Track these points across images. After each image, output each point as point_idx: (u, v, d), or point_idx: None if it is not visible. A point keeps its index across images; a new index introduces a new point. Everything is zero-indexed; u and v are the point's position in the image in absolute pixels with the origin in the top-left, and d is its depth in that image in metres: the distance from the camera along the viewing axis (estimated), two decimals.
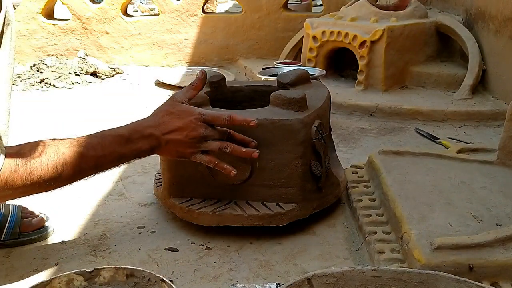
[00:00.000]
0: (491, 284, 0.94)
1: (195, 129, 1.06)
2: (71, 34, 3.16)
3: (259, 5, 3.11)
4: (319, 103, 1.24)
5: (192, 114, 1.07)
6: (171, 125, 1.06)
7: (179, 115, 1.07)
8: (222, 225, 1.17)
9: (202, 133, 1.06)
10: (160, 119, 1.07)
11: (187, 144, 1.07)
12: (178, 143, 1.06)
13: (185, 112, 1.07)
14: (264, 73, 1.99)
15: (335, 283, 0.80)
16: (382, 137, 1.92)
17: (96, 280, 0.89)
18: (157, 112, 1.10)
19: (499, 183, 1.23)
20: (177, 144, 1.07)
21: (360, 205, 1.26)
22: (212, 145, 1.08)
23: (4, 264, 1.09)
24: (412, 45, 2.36)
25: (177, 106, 1.09)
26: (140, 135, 1.04)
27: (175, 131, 1.06)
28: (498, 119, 1.99)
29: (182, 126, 1.06)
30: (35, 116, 2.19)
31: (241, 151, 1.09)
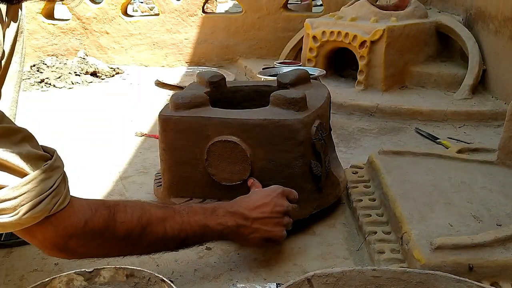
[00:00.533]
0: (491, 284, 0.94)
1: (280, 205, 1.03)
2: (71, 34, 3.16)
3: (259, 5, 3.11)
4: (319, 103, 1.24)
5: (272, 190, 1.06)
6: (256, 201, 1.03)
7: (262, 194, 1.05)
8: None
9: (286, 208, 1.04)
10: (244, 203, 1.03)
11: (273, 222, 1.02)
12: (265, 220, 1.01)
13: (268, 190, 1.07)
14: (264, 73, 2.00)
15: (335, 283, 0.80)
16: (382, 137, 1.92)
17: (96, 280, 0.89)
18: (236, 199, 1.05)
19: (499, 183, 1.23)
20: (264, 222, 1.01)
21: (360, 205, 1.26)
22: (289, 222, 1.06)
23: (4, 264, 1.09)
24: (412, 45, 2.36)
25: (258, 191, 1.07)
26: (225, 210, 0.99)
27: (261, 207, 1.02)
28: (498, 119, 1.99)
29: (266, 202, 1.02)
30: (35, 116, 2.18)
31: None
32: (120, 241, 0.87)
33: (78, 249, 0.84)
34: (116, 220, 0.85)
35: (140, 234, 0.88)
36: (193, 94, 1.24)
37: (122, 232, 0.86)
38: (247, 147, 1.14)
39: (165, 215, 0.92)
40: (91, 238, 0.84)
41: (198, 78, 1.42)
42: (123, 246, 0.89)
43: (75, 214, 0.81)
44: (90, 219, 0.82)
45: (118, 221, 0.85)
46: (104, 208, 0.85)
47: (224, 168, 1.16)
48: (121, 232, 0.86)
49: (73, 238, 0.81)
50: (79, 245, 0.83)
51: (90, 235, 0.83)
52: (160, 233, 0.91)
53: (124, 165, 1.63)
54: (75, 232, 0.81)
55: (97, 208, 0.84)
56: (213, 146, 1.15)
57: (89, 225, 0.82)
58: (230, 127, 1.15)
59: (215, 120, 1.16)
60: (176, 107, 1.20)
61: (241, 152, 1.14)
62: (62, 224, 0.80)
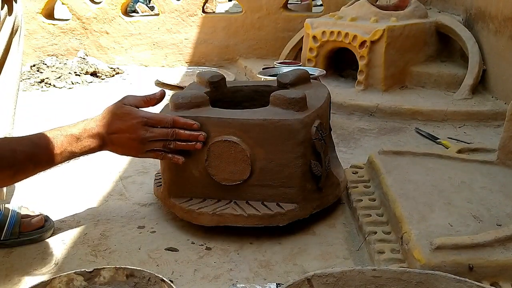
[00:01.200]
0: (491, 284, 0.94)
1: (136, 131, 1.11)
2: (71, 34, 3.16)
3: (259, 5, 3.11)
4: (319, 103, 1.24)
5: (134, 118, 1.11)
6: (114, 126, 1.11)
7: (122, 117, 1.11)
8: (222, 225, 1.17)
9: (142, 135, 1.11)
10: (105, 119, 1.12)
11: (129, 145, 1.12)
12: (121, 144, 1.12)
13: (128, 114, 1.12)
14: (264, 73, 2.00)
15: (335, 283, 0.80)
16: (382, 137, 1.92)
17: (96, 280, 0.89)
18: (105, 112, 1.14)
19: (499, 183, 1.23)
20: (121, 145, 1.12)
21: (360, 205, 1.26)
22: (155, 145, 1.13)
23: (4, 264, 1.09)
24: (412, 45, 2.36)
25: (122, 108, 1.13)
26: (88, 134, 1.10)
27: (117, 133, 1.11)
28: (498, 119, 1.99)
29: (123, 128, 1.11)
30: (35, 116, 2.18)
31: (183, 145, 1.14)
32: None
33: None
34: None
35: (12, 177, 1.00)
36: (193, 94, 1.24)
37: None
38: (247, 147, 1.14)
39: (32, 154, 1.02)
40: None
41: (198, 78, 1.42)
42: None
43: None
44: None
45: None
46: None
47: (224, 168, 1.16)
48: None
49: None
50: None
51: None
52: (30, 171, 1.02)
53: (124, 165, 1.63)
54: None
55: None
56: (213, 146, 1.15)
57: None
58: (230, 127, 1.15)
59: (215, 120, 1.16)
60: (176, 107, 1.20)
61: (241, 152, 1.14)
62: None
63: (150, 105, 1.17)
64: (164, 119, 1.14)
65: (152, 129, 1.12)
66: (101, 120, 1.12)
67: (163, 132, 1.13)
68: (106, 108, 1.14)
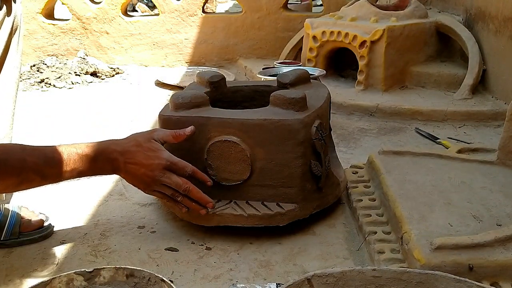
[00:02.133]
0: (491, 284, 0.94)
1: (153, 171, 1.09)
2: (71, 34, 3.16)
3: (259, 5, 3.11)
4: (319, 103, 1.24)
5: (158, 158, 1.09)
6: (135, 157, 1.09)
7: (146, 151, 1.09)
8: (222, 225, 1.17)
9: (158, 177, 1.09)
10: (128, 147, 1.10)
11: (141, 180, 1.10)
12: (135, 176, 1.10)
13: (153, 151, 1.10)
14: (264, 73, 2.00)
15: (335, 283, 0.80)
16: (382, 137, 1.92)
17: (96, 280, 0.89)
18: (130, 138, 1.12)
19: (499, 183, 1.23)
20: (133, 176, 1.10)
21: (360, 205, 1.26)
22: (165, 190, 1.11)
23: (4, 264, 1.09)
24: (412, 45, 2.36)
25: (150, 142, 1.11)
26: (105, 158, 1.08)
27: (136, 165, 1.09)
28: (498, 119, 1.99)
29: (143, 163, 1.09)
30: (35, 116, 2.18)
31: (191, 204, 1.13)
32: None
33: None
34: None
35: (17, 186, 1.00)
36: (193, 94, 1.24)
37: (1, 187, 0.99)
38: (247, 147, 1.14)
39: (43, 168, 1.00)
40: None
41: (198, 78, 1.42)
42: (2, 192, 1.10)
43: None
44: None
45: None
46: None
47: (224, 168, 1.16)
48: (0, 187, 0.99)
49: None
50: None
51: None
52: (37, 183, 1.01)
53: None
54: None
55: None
56: (213, 146, 1.15)
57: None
58: (230, 127, 1.15)
59: (215, 120, 1.16)
60: (176, 107, 1.20)
61: (241, 152, 1.14)
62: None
63: (178, 140, 1.14)
64: (185, 167, 1.11)
65: (169, 176, 1.09)
66: (123, 146, 1.10)
67: (177, 183, 1.10)
68: (133, 135, 1.13)
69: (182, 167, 1.11)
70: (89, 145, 1.08)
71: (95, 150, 1.07)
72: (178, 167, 1.11)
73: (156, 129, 1.15)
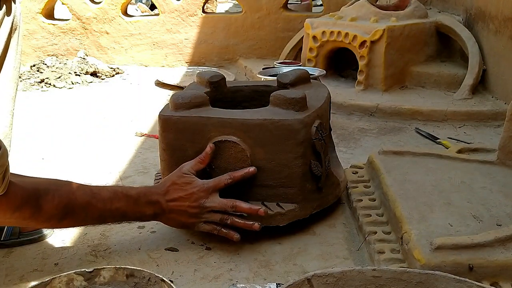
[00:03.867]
0: (491, 284, 0.94)
1: (197, 199, 1.10)
2: (71, 34, 3.16)
3: (259, 5, 3.11)
4: (319, 103, 1.24)
5: (195, 186, 1.11)
6: (175, 194, 1.11)
7: (182, 186, 1.11)
8: None
9: (203, 204, 1.10)
10: (166, 188, 1.12)
11: (189, 214, 1.11)
12: (181, 212, 1.11)
13: (189, 183, 1.12)
14: (264, 73, 1.99)
15: (335, 283, 0.80)
16: (382, 137, 1.92)
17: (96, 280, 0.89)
18: (165, 181, 1.14)
19: (499, 183, 1.23)
20: (179, 213, 1.11)
21: (360, 205, 1.26)
22: (213, 217, 1.12)
23: (4, 264, 1.09)
24: (412, 45, 2.36)
25: (182, 177, 1.12)
26: (147, 200, 1.09)
27: (178, 201, 1.11)
28: (498, 119, 1.99)
29: (184, 197, 1.10)
30: (35, 116, 2.18)
31: (240, 223, 1.12)
32: (41, 223, 1.05)
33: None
34: (42, 209, 0.96)
35: (60, 220, 1.00)
36: (193, 94, 1.24)
37: (44, 218, 0.98)
38: (247, 147, 1.14)
39: (89, 202, 1.02)
40: (18, 221, 0.98)
41: (198, 78, 1.42)
42: (44, 226, 1.11)
43: (8, 202, 0.91)
44: (18, 210, 0.93)
45: (44, 210, 0.96)
46: (33, 199, 0.95)
47: (224, 168, 1.16)
48: (43, 218, 0.98)
49: (4, 219, 0.96)
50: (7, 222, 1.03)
51: (16, 220, 0.97)
52: (80, 220, 1.04)
53: (124, 165, 1.63)
54: (5, 216, 0.94)
55: (28, 200, 0.94)
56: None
57: (16, 215, 0.94)
58: (230, 127, 1.15)
59: (215, 120, 1.16)
60: (176, 107, 1.20)
61: (241, 152, 1.14)
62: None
63: (205, 163, 1.14)
64: (222, 178, 1.13)
65: (213, 198, 1.11)
66: (161, 188, 1.12)
67: (223, 203, 1.11)
68: (165, 179, 1.15)
69: (220, 180, 1.12)
70: (132, 187, 1.11)
71: (138, 192, 1.09)
72: (216, 183, 1.12)
73: (182, 165, 1.15)
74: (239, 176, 1.13)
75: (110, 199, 1.05)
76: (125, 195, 1.07)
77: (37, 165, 1.62)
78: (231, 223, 1.11)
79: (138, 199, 1.08)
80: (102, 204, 1.04)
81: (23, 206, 0.93)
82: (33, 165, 1.62)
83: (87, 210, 1.02)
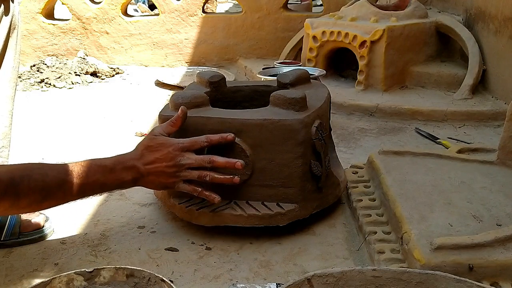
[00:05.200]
0: (491, 284, 0.94)
1: (173, 158, 1.10)
2: (71, 34, 3.16)
3: (259, 5, 3.11)
4: (319, 103, 1.24)
5: (170, 145, 1.11)
6: (150, 157, 1.11)
7: (157, 148, 1.11)
8: (222, 225, 1.17)
9: (179, 161, 1.10)
10: (141, 152, 1.12)
11: (167, 174, 1.11)
12: (159, 173, 1.11)
13: (163, 144, 1.12)
14: (264, 73, 1.99)
15: (335, 283, 0.80)
16: (382, 137, 1.92)
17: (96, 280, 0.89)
18: (138, 146, 1.14)
19: (499, 183, 1.23)
20: (158, 175, 1.11)
21: (360, 205, 1.26)
22: (191, 174, 1.12)
23: (4, 264, 1.09)
24: (412, 45, 2.36)
25: (155, 139, 1.13)
26: (123, 166, 1.09)
27: (155, 162, 1.10)
28: (498, 119, 1.99)
29: (160, 157, 1.10)
30: (35, 116, 2.18)
31: (220, 178, 1.12)
32: (22, 209, 1.02)
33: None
34: (20, 197, 0.95)
35: (40, 203, 0.99)
36: (193, 94, 1.24)
37: (24, 205, 0.98)
38: (247, 147, 1.14)
39: (64, 180, 1.01)
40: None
41: (198, 78, 1.42)
42: (25, 211, 1.09)
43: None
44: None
45: (22, 197, 0.95)
46: (10, 190, 0.93)
47: (224, 168, 1.16)
48: (24, 205, 0.98)
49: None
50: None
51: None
52: (59, 198, 1.02)
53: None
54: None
55: (6, 191, 0.93)
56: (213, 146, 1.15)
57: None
58: (230, 127, 1.15)
59: (215, 120, 1.16)
60: (176, 107, 1.20)
61: (241, 152, 1.14)
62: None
63: (177, 126, 1.15)
64: (199, 139, 1.13)
65: (189, 155, 1.11)
66: (135, 153, 1.12)
67: (200, 158, 1.11)
68: (138, 144, 1.14)
69: (196, 139, 1.13)
70: (106, 158, 1.10)
71: (112, 161, 1.09)
72: (192, 143, 1.12)
73: (154, 128, 1.16)
74: (216, 140, 1.13)
75: (86, 173, 1.04)
76: (99, 166, 1.06)
77: None
78: (210, 179, 1.11)
79: (113, 167, 1.07)
80: (78, 179, 1.03)
81: (1, 198, 0.92)
82: None
83: (64, 188, 1.01)
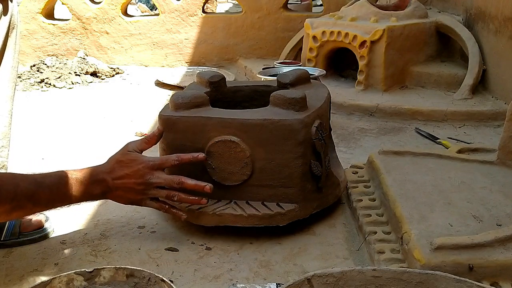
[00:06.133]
0: (491, 284, 0.94)
1: (142, 176, 1.10)
2: (71, 34, 3.16)
3: (259, 5, 3.11)
4: (319, 103, 1.24)
5: (140, 162, 1.11)
6: (120, 172, 1.11)
7: (127, 164, 1.11)
8: (222, 225, 1.17)
9: (148, 180, 1.11)
10: (112, 166, 1.12)
11: (135, 191, 1.11)
12: (127, 189, 1.11)
13: (134, 160, 1.12)
14: (264, 73, 1.99)
15: (335, 283, 0.80)
16: (382, 137, 1.92)
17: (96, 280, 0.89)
18: (110, 160, 1.14)
19: (499, 183, 1.23)
20: (126, 190, 1.11)
21: (360, 205, 1.26)
22: (159, 193, 1.12)
23: (4, 264, 1.09)
24: (412, 45, 2.36)
25: (127, 155, 1.13)
26: (93, 180, 1.09)
27: (124, 178, 1.10)
28: (498, 119, 1.99)
29: (129, 174, 1.10)
30: (35, 116, 2.18)
31: (188, 199, 1.13)
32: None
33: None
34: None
35: (9, 214, 0.98)
36: (193, 94, 1.24)
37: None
38: (247, 147, 1.14)
39: (35, 192, 1.00)
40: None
41: (198, 78, 1.42)
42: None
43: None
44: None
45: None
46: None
47: (224, 168, 1.16)
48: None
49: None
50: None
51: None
52: (27, 210, 1.02)
53: None
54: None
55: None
56: (213, 146, 1.15)
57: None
58: (230, 127, 1.15)
59: (215, 120, 1.16)
60: (176, 107, 1.20)
61: (241, 152, 1.14)
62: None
63: (152, 144, 1.16)
64: (169, 157, 1.14)
65: (159, 175, 1.11)
66: (106, 166, 1.12)
67: (169, 179, 1.11)
68: (110, 157, 1.14)
69: (166, 159, 1.13)
70: (76, 170, 1.09)
71: (83, 174, 1.09)
72: (162, 161, 1.13)
73: (128, 143, 1.16)
74: (187, 159, 1.13)
75: (56, 185, 1.04)
76: (70, 178, 1.06)
77: (37, 165, 1.62)
78: (178, 199, 1.12)
79: (83, 180, 1.07)
80: (49, 191, 1.02)
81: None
82: (33, 165, 1.62)
83: (34, 200, 1.00)
